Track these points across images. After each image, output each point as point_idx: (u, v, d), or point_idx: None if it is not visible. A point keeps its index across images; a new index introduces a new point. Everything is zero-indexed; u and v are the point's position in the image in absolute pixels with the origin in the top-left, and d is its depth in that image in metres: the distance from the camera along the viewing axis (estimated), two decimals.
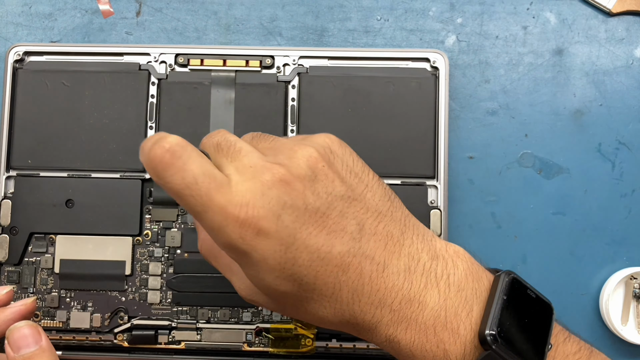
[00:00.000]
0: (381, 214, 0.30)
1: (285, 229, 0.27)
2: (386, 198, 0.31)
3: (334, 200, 0.29)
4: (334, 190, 0.29)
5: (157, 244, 0.45)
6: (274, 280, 0.28)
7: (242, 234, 0.27)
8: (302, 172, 0.28)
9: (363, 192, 0.30)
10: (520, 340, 0.29)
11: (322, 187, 0.29)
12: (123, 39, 0.48)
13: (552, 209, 0.46)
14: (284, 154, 0.30)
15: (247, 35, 0.48)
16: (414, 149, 0.45)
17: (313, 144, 0.30)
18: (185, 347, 0.44)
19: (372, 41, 0.48)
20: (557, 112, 0.47)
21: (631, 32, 0.47)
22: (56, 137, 0.45)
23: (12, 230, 0.45)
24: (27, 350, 0.32)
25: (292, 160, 0.29)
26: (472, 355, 0.29)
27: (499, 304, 0.29)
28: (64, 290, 0.44)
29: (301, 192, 0.28)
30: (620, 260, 0.46)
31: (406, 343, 0.29)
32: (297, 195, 0.28)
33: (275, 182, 0.28)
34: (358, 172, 0.30)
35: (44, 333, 0.33)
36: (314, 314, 0.29)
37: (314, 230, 0.28)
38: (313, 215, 0.28)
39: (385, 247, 0.29)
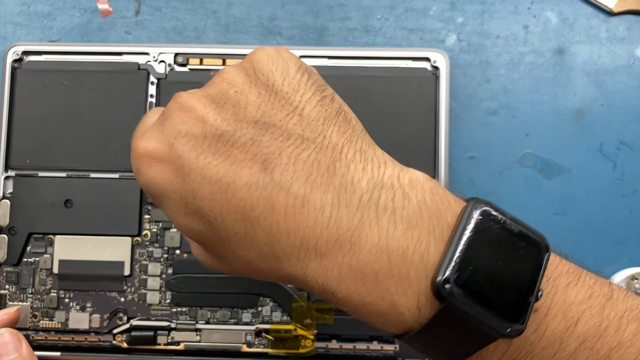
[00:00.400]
0: (307, 140, 0.24)
1: (178, 159, 0.24)
2: (319, 121, 0.25)
3: (242, 126, 0.24)
4: (245, 116, 0.25)
5: (156, 245, 0.45)
6: (185, 218, 0.25)
7: (138, 167, 0.26)
8: (210, 92, 0.25)
9: (286, 118, 0.25)
10: (492, 290, 0.22)
11: (229, 113, 0.25)
12: (122, 38, 0.48)
13: (553, 209, 0.46)
14: (212, 80, 0.27)
15: (247, 35, 0.48)
16: (414, 149, 0.44)
17: (239, 64, 0.27)
18: (184, 348, 0.44)
19: (372, 40, 0.47)
20: (558, 112, 0.47)
21: (632, 31, 0.47)
22: (55, 137, 0.45)
23: (11, 231, 0.44)
24: (7, 357, 0.32)
25: (205, 88, 0.26)
26: (430, 308, 0.23)
27: (462, 242, 0.23)
28: (63, 291, 0.44)
29: (199, 119, 0.25)
30: (621, 261, 0.46)
31: (342, 294, 0.24)
32: (194, 122, 0.25)
33: (172, 111, 0.25)
34: (288, 92, 0.25)
35: (24, 340, 0.32)
36: (243, 260, 0.25)
37: (213, 159, 0.24)
38: (213, 143, 0.24)
39: (307, 179, 0.24)
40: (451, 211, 0.24)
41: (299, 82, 0.26)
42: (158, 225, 0.45)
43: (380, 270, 0.23)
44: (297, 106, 0.25)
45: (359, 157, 0.25)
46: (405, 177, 0.25)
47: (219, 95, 0.25)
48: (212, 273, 0.44)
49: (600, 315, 0.24)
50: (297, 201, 0.23)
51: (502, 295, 0.23)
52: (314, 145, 0.24)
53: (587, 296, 0.24)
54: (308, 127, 0.24)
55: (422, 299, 0.23)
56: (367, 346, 0.43)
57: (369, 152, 0.25)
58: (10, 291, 0.44)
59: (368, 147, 0.26)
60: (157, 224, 0.45)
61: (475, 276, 0.22)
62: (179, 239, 0.44)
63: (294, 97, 0.25)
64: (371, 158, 0.25)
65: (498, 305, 0.22)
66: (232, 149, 0.24)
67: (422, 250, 0.23)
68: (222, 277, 0.44)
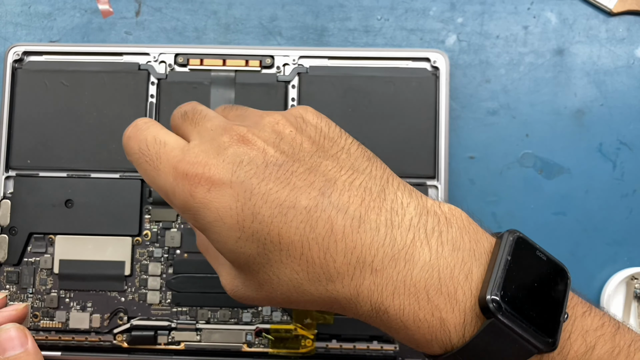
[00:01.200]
0: (357, 171, 0.27)
1: (240, 184, 0.25)
2: (364, 158, 0.28)
3: (300, 158, 0.26)
4: (302, 150, 0.27)
5: (156, 244, 0.45)
6: (236, 242, 0.26)
7: (192, 191, 0.26)
8: (265, 135, 0.27)
9: (337, 153, 0.27)
10: (529, 307, 0.25)
11: (287, 146, 0.27)
12: (122, 38, 0.48)
13: (552, 209, 0.46)
14: (251, 120, 0.29)
15: (247, 35, 0.48)
16: (414, 149, 0.44)
17: (283, 112, 0.29)
18: (184, 348, 0.44)
19: (372, 41, 0.48)
20: (558, 112, 0.47)
21: (632, 31, 0.47)
22: (55, 137, 0.45)
23: (12, 231, 0.45)
24: (12, 352, 0.32)
25: (256, 125, 0.28)
26: (474, 326, 0.25)
27: (502, 264, 0.25)
28: (63, 291, 0.44)
29: (261, 150, 0.26)
30: (621, 261, 0.46)
31: (395, 311, 0.25)
32: (257, 153, 0.26)
33: (232, 142, 0.27)
34: (333, 137, 0.28)
35: (30, 336, 0.32)
36: (289, 283, 0.26)
37: (274, 186, 0.25)
38: (274, 171, 0.26)
39: (361, 202, 0.26)
40: (485, 237, 0.27)
41: (340, 131, 0.29)
42: (158, 225, 0.45)
43: (431, 287, 0.25)
44: (344, 146, 0.28)
45: (403, 187, 0.27)
46: (444, 206, 0.27)
47: (274, 134, 0.27)
48: (212, 273, 0.44)
49: (613, 342, 0.26)
50: (354, 222, 0.25)
51: (540, 313, 0.25)
52: (364, 175, 0.27)
53: (600, 324, 0.26)
54: (356, 162, 0.28)
55: (468, 317, 0.25)
56: (367, 346, 0.43)
57: (407, 185, 0.28)
58: (11, 291, 0.44)
59: (402, 181, 0.28)
60: (158, 223, 0.45)
61: (517, 294, 0.25)
62: (179, 239, 0.44)
63: (340, 140, 0.28)
64: (411, 189, 0.28)
65: (537, 321, 0.25)
66: (291, 177, 0.26)
67: (466, 271, 0.25)
68: None
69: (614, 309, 0.45)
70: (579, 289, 0.46)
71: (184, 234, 0.45)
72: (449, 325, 0.25)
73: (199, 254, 0.44)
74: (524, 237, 0.27)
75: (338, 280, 0.25)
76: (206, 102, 0.45)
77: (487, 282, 0.25)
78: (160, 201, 0.44)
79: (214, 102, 0.45)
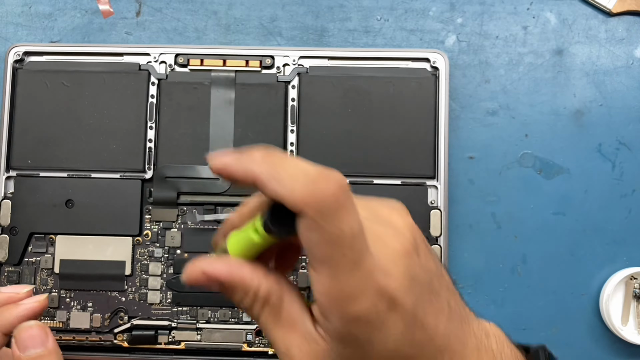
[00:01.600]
0: (451, 289, 0.27)
1: (413, 306, 0.24)
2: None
3: (433, 275, 0.26)
4: (430, 264, 0.26)
5: (157, 244, 0.45)
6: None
7: (377, 304, 0.23)
8: (413, 242, 0.25)
9: (440, 265, 0.27)
10: None
11: (425, 259, 0.26)
12: (123, 39, 0.48)
13: (552, 209, 0.46)
14: (383, 218, 0.26)
15: (247, 36, 0.48)
16: (414, 149, 0.44)
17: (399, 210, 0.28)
18: (185, 347, 0.44)
19: (372, 41, 0.48)
20: (558, 112, 0.47)
21: (631, 32, 0.47)
22: (56, 137, 0.45)
23: (12, 231, 0.45)
24: (33, 351, 0.32)
25: (397, 228, 0.26)
26: None
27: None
28: (64, 291, 0.44)
29: (418, 265, 0.25)
30: (620, 261, 0.46)
31: None
32: (418, 268, 0.25)
33: (404, 252, 0.24)
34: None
35: (51, 335, 0.32)
36: None
37: (428, 307, 0.25)
38: (427, 291, 0.25)
39: (461, 326, 0.26)
40: (521, 354, 0.29)
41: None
42: (159, 225, 0.45)
43: None
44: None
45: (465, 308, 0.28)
46: (492, 327, 0.29)
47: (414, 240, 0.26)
48: None
49: None
50: (463, 347, 0.26)
51: None
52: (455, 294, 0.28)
53: None
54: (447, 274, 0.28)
55: None
56: None
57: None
58: None
59: None
60: (158, 223, 0.45)
61: None
62: (179, 238, 0.45)
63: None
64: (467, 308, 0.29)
65: None
66: (432, 297, 0.25)
67: None
68: None
69: (613, 308, 0.45)
70: (578, 288, 0.46)
71: (184, 234, 0.45)
72: None
73: (200, 254, 0.44)
74: (552, 354, 0.30)
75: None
76: (206, 102, 0.45)
77: None
78: (160, 201, 0.44)
79: (214, 102, 0.45)
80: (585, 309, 0.46)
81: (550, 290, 0.46)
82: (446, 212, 0.44)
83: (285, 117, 0.45)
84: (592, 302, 0.46)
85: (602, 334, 0.46)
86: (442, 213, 0.44)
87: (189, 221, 0.45)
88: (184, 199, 0.45)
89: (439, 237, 0.44)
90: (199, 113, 0.45)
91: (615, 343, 0.46)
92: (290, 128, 0.45)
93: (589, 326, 0.46)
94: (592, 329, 0.46)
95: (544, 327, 0.46)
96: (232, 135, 0.45)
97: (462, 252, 0.46)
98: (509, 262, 0.46)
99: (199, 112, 0.45)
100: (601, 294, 0.45)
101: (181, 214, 0.45)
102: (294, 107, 0.45)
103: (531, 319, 0.45)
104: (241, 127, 0.45)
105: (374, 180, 0.44)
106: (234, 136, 0.45)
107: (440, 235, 0.44)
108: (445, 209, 0.44)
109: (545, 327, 0.46)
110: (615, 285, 0.44)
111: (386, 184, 0.44)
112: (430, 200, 0.44)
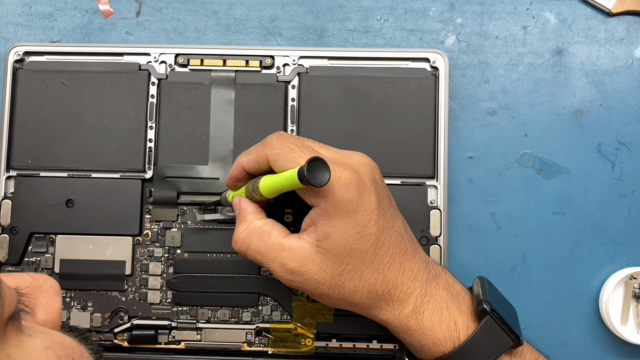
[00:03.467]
0: (399, 215, 0.39)
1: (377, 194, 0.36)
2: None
3: (383, 197, 0.37)
4: (379, 194, 0.37)
5: (157, 244, 0.45)
6: (357, 234, 0.35)
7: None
8: (358, 177, 0.36)
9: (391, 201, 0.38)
10: (505, 314, 0.38)
11: (380, 187, 0.37)
12: (123, 39, 0.48)
13: (551, 209, 0.46)
14: (343, 155, 0.37)
15: (247, 36, 0.48)
16: (414, 149, 0.45)
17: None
18: (185, 347, 0.44)
19: (372, 41, 0.48)
20: (557, 112, 0.47)
21: (631, 32, 0.47)
22: (56, 137, 0.45)
23: (12, 230, 0.45)
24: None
25: (353, 165, 0.37)
26: (473, 327, 0.37)
27: (486, 288, 0.39)
28: (64, 290, 0.44)
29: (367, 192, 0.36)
30: (620, 260, 0.46)
31: (429, 313, 0.37)
32: (368, 194, 0.36)
33: (349, 183, 0.36)
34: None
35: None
36: (367, 280, 0.36)
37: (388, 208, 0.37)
38: (383, 207, 0.37)
39: (413, 242, 0.39)
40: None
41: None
42: (159, 225, 0.45)
43: (449, 300, 0.38)
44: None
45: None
46: (440, 269, 0.40)
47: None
48: (212, 273, 0.44)
49: None
50: (415, 251, 0.39)
51: (510, 319, 0.38)
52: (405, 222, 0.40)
53: (543, 357, 0.40)
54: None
55: (470, 321, 0.37)
56: (367, 345, 0.44)
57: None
58: None
59: None
60: (158, 223, 0.45)
61: (497, 305, 0.38)
62: (179, 238, 0.45)
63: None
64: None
65: (510, 323, 0.37)
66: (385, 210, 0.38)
67: (463, 294, 0.39)
68: (222, 276, 0.44)
69: (613, 308, 0.45)
70: (578, 288, 0.46)
71: (184, 234, 0.45)
72: (459, 325, 0.37)
73: (200, 254, 0.44)
74: (487, 280, 0.41)
75: (400, 285, 0.37)
76: (206, 102, 0.45)
77: (479, 298, 0.38)
78: (160, 201, 0.45)
79: (214, 102, 0.45)
80: (585, 308, 0.46)
81: (549, 290, 0.46)
82: (446, 212, 0.44)
83: (285, 117, 0.45)
84: (592, 302, 0.46)
85: (601, 333, 0.46)
86: (441, 213, 0.44)
87: (189, 221, 0.45)
88: (184, 199, 0.45)
89: (439, 237, 0.44)
90: (199, 113, 0.45)
91: (614, 343, 0.46)
92: (290, 128, 0.45)
93: (588, 326, 0.46)
94: (592, 328, 0.46)
95: (544, 327, 0.46)
96: (232, 135, 0.45)
97: (462, 252, 0.46)
98: (508, 262, 0.46)
99: (199, 112, 0.45)
100: (601, 293, 0.45)
101: (181, 213, 0.45)
102: (294, 107, 0.45)
103: (531, 318, 0.45)
104: (241, 127, 0.45)
105: None
106: (234, 136, 0.45)
107: (440, 235, 0.44)
108: (445, 208, 0.44)
109: (545, 327, 0.46)
110: (614, 285, 0.45)
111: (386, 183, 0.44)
112: (430, 200, 0.44)
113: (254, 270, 0.44)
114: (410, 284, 0.37)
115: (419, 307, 0.37)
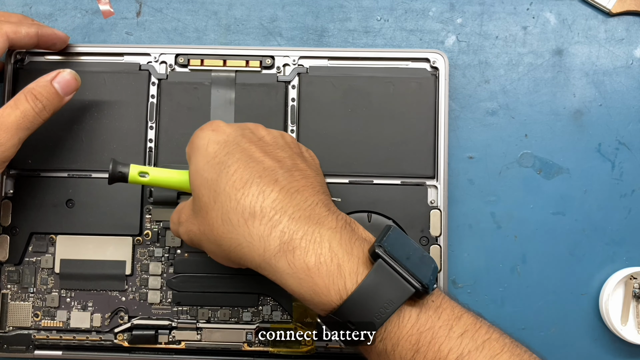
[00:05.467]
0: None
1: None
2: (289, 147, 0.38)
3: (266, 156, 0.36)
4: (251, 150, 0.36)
5: (157, 244, 0.45)
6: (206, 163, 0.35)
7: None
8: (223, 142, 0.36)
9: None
10: (406, 259, 0.33)
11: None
12: (123, 39, 0.48)
13: (551, 209, 0.46)
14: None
15: (247, 36, 0.48)
16: (414, 149, 0.45)
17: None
18: (185, 347, 0.44)
19: (372, 41, 0.48)
20: (557, 112, 0.47)
21: (631, 32, 0.47)
22: (56, 137, 0.45)
23: (13, 230, 0.45)
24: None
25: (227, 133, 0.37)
26: (364, 274, 0.32)
27: (387, 233, 0.34)
28: (64, 290, 0.44)
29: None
30: (619, 260, 0.46)
31: (301, 252, 0.32)
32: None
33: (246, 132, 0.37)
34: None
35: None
36: (219, 208, 0.33)
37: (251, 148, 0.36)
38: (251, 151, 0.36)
39: (294, 179, 0.35)
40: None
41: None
42: (159, 225, 0.45)
43: (334, 242, 0.32)
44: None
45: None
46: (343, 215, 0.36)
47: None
48: (212, 273, 0.44)
49: (475, 322, 0.33)
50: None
51: (415, 265, 0.32)
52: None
53: (465, 310, 0.33)
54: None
55: (361, 266, 0.32)
56: None
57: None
58: (12, 290, 0.44)
59: None
60: (158, 223, 0.45)
61: (396, 249, 0.33)
62: (179, 238, 0.45)
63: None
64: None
65: (414, 270, 0.32)
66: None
67: (356, 237, 0.34)
68: (222, 276, 0.44)
69: (613, 308, 0.45)
70: (578, 288, 0.46)
71: None
72: (344, 271, 0.32)
73: (200, 254, 0.44)
74: (394, 226, 0.37)
75: (257, 219, 0.32)
76: (206, 102, 0.45)
77: (372, 244, 0.33)
78: (160, 201, 0.45)
79: (214, 102, 0.45)
80: (585, 308, 0.46)
81: (549, 290, 0.46)
82: (446, 212, 0.44)
83: (285, 117, 0.45)
84: (592, 302, 0.46)
85: (601, 333, 0.46)
86: (441, 213, 0.44)
87: None
88: (184, 199, 0.45)
89: (439, 237, 0.44)
90: (199, 113, 0.45)
91: (614, 343, 0.46)
92: (290, 128, 0.45)
93: (588, 326, 0.46)
94: (592, 328, 0.46)
95: (544, 327, 0.46)
96: None
97: (462, 252, 0.46)
98: (508, 262, 0.46)
99: (199, 112, 0.45)
100: (601, 293, 0.45)
101: None
102: (294, 107, 0.45)
103: (531, 318, 0.45)
104: None
105: (373, 180, 0.44)
106: None
107: (440, 235, 0.44)
108: (445, 208, 0.44)
109: (544, 327, 0.46)
110: (614, 285, 0.45)
111: (386, 183, 0.44)
112: (430, 200, 0.44)
113: (254, 270, 0.44)
114: (274, 215, 0.32)
115: (287, 243, 0.32)
